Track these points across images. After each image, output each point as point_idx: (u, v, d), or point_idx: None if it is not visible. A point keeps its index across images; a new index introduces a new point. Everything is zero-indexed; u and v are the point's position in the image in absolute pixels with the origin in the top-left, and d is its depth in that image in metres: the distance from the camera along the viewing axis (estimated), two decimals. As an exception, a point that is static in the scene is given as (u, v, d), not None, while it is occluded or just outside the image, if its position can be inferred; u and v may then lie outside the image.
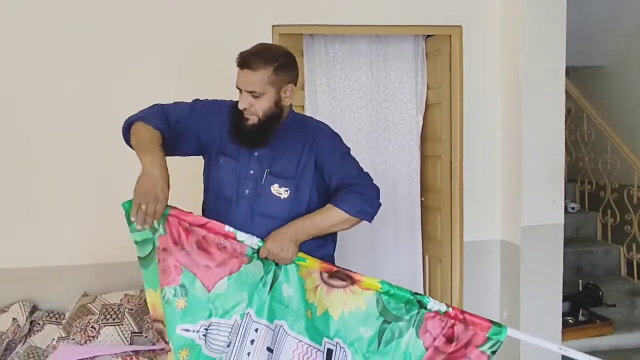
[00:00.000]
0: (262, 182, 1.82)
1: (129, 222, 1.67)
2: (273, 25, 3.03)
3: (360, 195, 1.80)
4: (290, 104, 1.91)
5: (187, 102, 1.93)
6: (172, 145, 1.84)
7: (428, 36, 3.46)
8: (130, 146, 1.79)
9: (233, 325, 1.71)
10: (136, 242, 1.70)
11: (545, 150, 3.19)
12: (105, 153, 3.00)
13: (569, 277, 3.78)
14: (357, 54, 3.51)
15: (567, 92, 3.37)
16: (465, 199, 3.30)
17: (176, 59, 3.00)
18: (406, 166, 3.56)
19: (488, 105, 3.33)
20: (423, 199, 3.60)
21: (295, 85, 1.84)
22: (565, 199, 3.35)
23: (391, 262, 3.62)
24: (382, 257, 3.63)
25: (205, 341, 1.69)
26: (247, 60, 1.73)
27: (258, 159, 1.84)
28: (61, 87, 2.95)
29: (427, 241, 3.62)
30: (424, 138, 3.57)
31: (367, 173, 1.90)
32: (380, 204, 1.86)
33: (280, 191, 1.81)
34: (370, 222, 1.86)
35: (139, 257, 1.71)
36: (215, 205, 1.87)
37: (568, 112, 4.41)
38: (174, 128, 1.84)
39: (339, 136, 1.96)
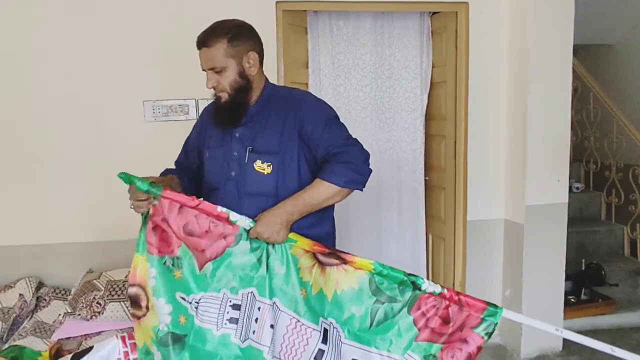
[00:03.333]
0: (246, 161, 1.80)
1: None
2: (277, 2, 3.00)
3: (348, 164, 1.72)
4: (266, 78, 1.90)
5: None
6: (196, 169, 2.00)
7: (434, 13, 3.41)
8: None
9: (222, 299, 1.73)
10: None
11: (551, 130, 3.17)
12: (111, 131, 3.00)
13: (572, 257, 3.78)
14: (361, 31, 3.47)
15: (574, 70, 3.34)
16: (470, 178, 3.30)
17: (175, 37, 2.97)
18: (410, 145, 3.55)
19: (494, 84, 3.30)
20: (427, 178, 3.60)
21: (259, 53, 1.83)
22: (570, 178, 3.34)
23: (395, 241, 3.63)
24: (386, 236, 3.64)
25: (197, 313, 1.72)
26: (201, 39, 1.77)
27: (240, 139, 1.83)
28: (68, 67, 2.95)
29: (430, 220, 3.62)
30: (428, 117, 3.55)
31: (355, 139, 1.81)
32: (370, 170, 1.77)
33: (262, 167, 1.78)
34: (361, 190, 1.78)
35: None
36: (207, 197, 1.87)
37: (575, 91, 4.37)
38: (190, 161, 2.01)
39: (324, 102, 1.90)
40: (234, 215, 1.71)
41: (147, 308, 1.72)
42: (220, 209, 1.71)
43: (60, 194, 3.01)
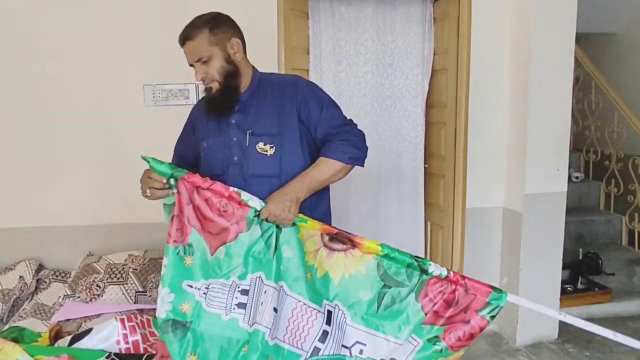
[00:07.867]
0: (247, 144, 1.84)
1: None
2: (278, -14, 2.98)
3: (349, 142, 1.82)
4: (253, 67, 1.92)
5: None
6: (194, 163, 1.99)
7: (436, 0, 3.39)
8: None
9: (231, 285, 1.75)
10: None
11: (552, 119, 3.17)
12: (111, 115, 3.00)
13: (570, 246, 3.81)
14: (363, 17, 3.45)
15: (576, 59, 3.32)
16: (469, 166, 3.29)
17: (175, 21, 2.94)
18: (410, 132, 3.54)
19: (495, 71, 3.29)
20: (427, 165, 3.60)
21: (241, 40, 1.87)
22: (569, 167, 3.34)
23: (393, 228, 3.64)
24: (385, 223, 3.65)
25: (205, 299, 1.73)
26: (184, 35, 1.81)
27: (236, 125, 1.86)
28: (68, 51, 2.94)
29: (429, 208, 3.63)
30: (429, 104, 3.54)
31: (350, 119, 1.91)
32: (367, 147, 1.89)
33: (265, 148, 1.83)
34: (362, 166, 1.88)
35: (164, 204, 1.77)
36: None
37: (576, 80, 4.35)
38: (181, 152, 2.03)
39: (317, 85, 1.97)
40: (245, 195, 1.73)
41: None
42: (232, 189, 1.73)
43: (60, 177, 3.01)
